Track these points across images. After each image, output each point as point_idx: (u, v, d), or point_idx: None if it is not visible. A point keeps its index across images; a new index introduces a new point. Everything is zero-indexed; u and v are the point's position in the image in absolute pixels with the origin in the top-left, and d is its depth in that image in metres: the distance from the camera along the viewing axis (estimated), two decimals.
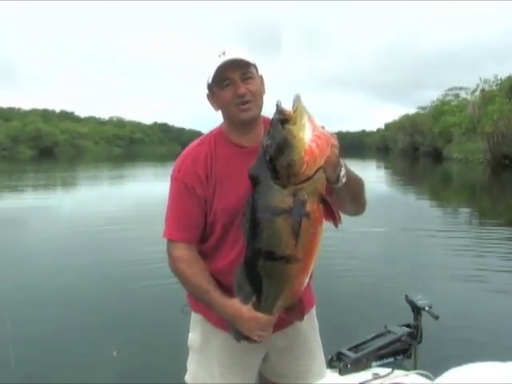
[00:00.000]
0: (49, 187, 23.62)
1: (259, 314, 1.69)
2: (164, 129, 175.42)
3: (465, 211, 16.56)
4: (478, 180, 30.78)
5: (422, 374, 3.19)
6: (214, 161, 1.85)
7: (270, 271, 1.61)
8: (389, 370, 3.26)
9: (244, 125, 1.83)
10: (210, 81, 1.80)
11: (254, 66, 1.80)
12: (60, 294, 6.61)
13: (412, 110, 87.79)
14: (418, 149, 66.76)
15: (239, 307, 1.71)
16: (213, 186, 1.83)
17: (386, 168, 43.58)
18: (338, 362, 3.38)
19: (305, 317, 1.93)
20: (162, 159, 64.72)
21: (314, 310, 2.16)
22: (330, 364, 3.38)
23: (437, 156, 54.89)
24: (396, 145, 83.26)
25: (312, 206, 1.51)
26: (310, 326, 2.10)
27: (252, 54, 1.80)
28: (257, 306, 1.70)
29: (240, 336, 1.79)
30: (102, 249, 9.55)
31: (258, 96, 1.80)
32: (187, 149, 1.92)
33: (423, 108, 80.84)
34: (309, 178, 1.48)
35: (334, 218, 1.56)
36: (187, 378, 2.05)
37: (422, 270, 7.85)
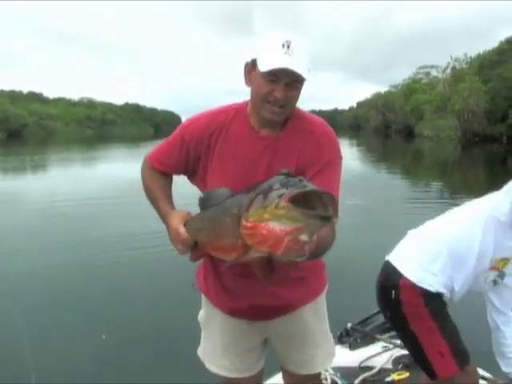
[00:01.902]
0: (19, 170, 23.18)
1: (181, 230, 1.69)
2: (136, 109, 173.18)
3: (436, 186, 16.90)
4: (449, 156, 31.30)
5: None
6: (224, 135, 1.79)
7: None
8: (398, 341, 3.22)
9: (264, 120, 1.76)
10: (259, 61, 1.66)
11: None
12: (40, 276, 6.48)
13: (384, 89, 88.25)
14: (389, 126, 67.47)
15: (172, 218, 1.76)
16: (211, 159, 1.80)
17: (358, 145, 43.89)
18: (348, 337, 3.43)
19: (308, 305, 1.95)
20: (134, 140, 63.96)
21: (320, 299, 2.05)
22: (340, 340, 3.43)
23: (408, 133, 55.55)
24: (368, 123, 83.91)
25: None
26: (315, 315, 2.03)
27: (307, 62, 1.68)
28: (188, 223, 1.72)
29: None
30: (78, 228, 9.47)
31: (290, 106, 1.74)
32: (207, 111, 1.87)
33: (395, 86, 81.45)
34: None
35: None
36: (199, 351, 2.10)
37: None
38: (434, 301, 2.24)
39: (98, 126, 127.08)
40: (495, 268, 2.23)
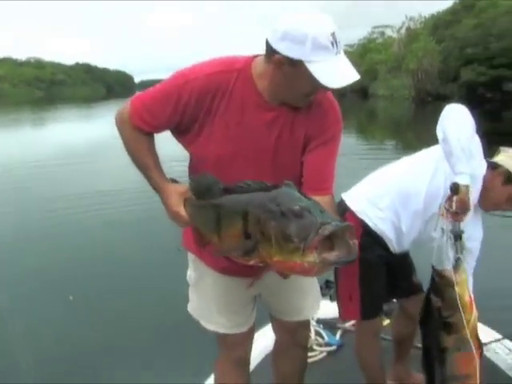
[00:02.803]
0: None
1: (182, 213, 1.64)
2: (86, 70, 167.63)
3: (391, 143, 17.26)
4: (403, 115, 31.79)
5: None
6: (228, 99, 1.65)
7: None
8: None
9: (289, 103, 1.68)
10: (310, 65, 1.51)
11: None
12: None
13: None
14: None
15: (169, 197, 1.68)
16: (210, 122, 1.68)
17: None
18: (328, 289, 3.51)
19: None
20: (86, 101, 62.15)
21: None
22: (321, 293, 3.52)
23: (363, 93, 55.88)
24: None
25: None
26: None
27: None
28: (189, 207, 1.66)
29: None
30: (40, 191, 9.27)
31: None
32: (203, 68, 1.68)
33: (351, 46, 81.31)
34: None
35: None
36: (189, 307, 2.09)
37: None
38: (369, 237, 2.22)
39: (47, 86, 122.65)
40: (443, 215, 2.23)
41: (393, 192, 2.25)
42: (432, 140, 2.20)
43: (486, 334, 2.99)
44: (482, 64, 39.58)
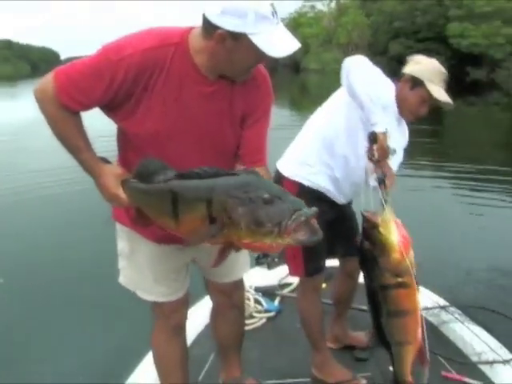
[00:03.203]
0: None
1: (123, 196, 1.62)
2: (7, 46, 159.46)
3: None
4: (335, 88, 32.30)
5: None
6: (165, 75, 1.60)
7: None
8: None
9: (230, 77, 1.67)
10: (254, 37, 1.49)
11: None
12: None
13: None
14: (276, 60, 67.86)
15: (105, 178, 1.63)
16: (147, 98, 1.61)
17: None
18: (265, 258, 3.61)
19: None
20: (10, 79, 59.25)
21: None
22: (258, 261, 3.62)
23: (295, 67, 56.33)
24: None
25: None
26: None
27: None
28: (129, 190, 1.62)
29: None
30: None
31: None
32: (137, 43, 1.59)
33: (282, 20, 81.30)
34: None
35: None
36: (122, 280, 2.05)
37: None
38: (306, 196, 2.16)
39: None
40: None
41: (317, 145, 2.29)
42: None
43: (431, 299, 3.15)
44: (409, 38, 40.78)
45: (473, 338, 2.76)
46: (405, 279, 1.78)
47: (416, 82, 2.23)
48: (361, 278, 2.28)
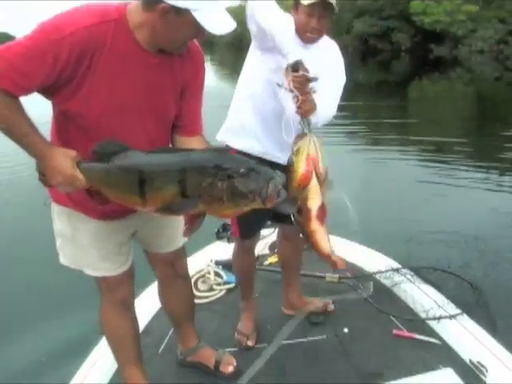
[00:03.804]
0: None
1: (80, 177, 1.61)
2: None
3: None
4: None
5: None
6: (107, 53, 1.59)
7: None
8: (271, 229, 3.55)
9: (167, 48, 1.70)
10: (189, 8, 1.53)
11: None
12: None
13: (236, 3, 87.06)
14: (241, 40, 67.13)
15: (57, 159, 1.60)
16: (91, 77, 1.59)
17: (211, 61, 43.42)
18: (225, 232, 3.66)
19: None
20: None
21: None
22: (218, 236, 3.67)
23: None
24: (221, 38, 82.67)
25: None
26: None
27: None
28: (86, 170, 1.62)
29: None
30: None
31: None
32: (83, 21, 1.55)
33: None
34: None
35: None
36: (63, 260, 2.04)
37: None
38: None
39: None
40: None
41: (241, 108, 2.34)
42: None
43: (385, 263, 3.26)
44: (372, 16, 40.83)
45: (422, 297, 2.86)
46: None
47: (297, 2, 2.23)
48: None
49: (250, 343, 2.63)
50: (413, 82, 21.58)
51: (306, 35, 2.22)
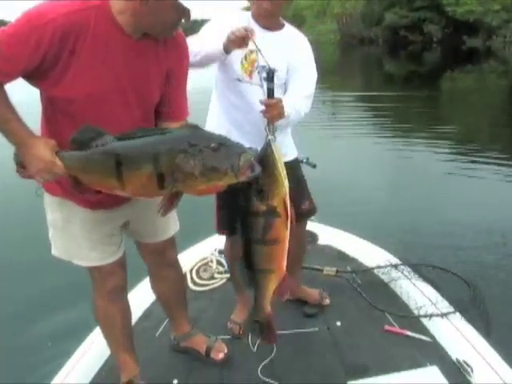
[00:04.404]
0: None
1: (59, 163, 1.63)
2: None
3: (319, 86, 17.44)
4: (329, 59, 32.06)
5: None
6: (90, 39, 1.61)
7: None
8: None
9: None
10: None
11: None
12: None
13: None
14: None
15: (38, 147, 1.63)
16: (75, 63, 1.61)
17: None
18: None
19: None
20: None
21: None
22: None
23: None
24: None
25: None
26: None
27: None
28: (64, 158, 1.65)
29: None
30: None
31: None
32: (65, 8, 1.58)
33: None
34: None
35: None
36: (54, 252, 2.07)
37: None
38: None
39: None
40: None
41: (213, 109, 2.44)
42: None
43: (384, 258, 3.25)
44: (403, 7, 40.20)
45: (417, 294, 2.85)
46: (277, 208, 1.76)
47: None
48: None
49: (242, 332, 2.67)
50: (444, 74, 21.24)
51: (262, 18, 2.27)
